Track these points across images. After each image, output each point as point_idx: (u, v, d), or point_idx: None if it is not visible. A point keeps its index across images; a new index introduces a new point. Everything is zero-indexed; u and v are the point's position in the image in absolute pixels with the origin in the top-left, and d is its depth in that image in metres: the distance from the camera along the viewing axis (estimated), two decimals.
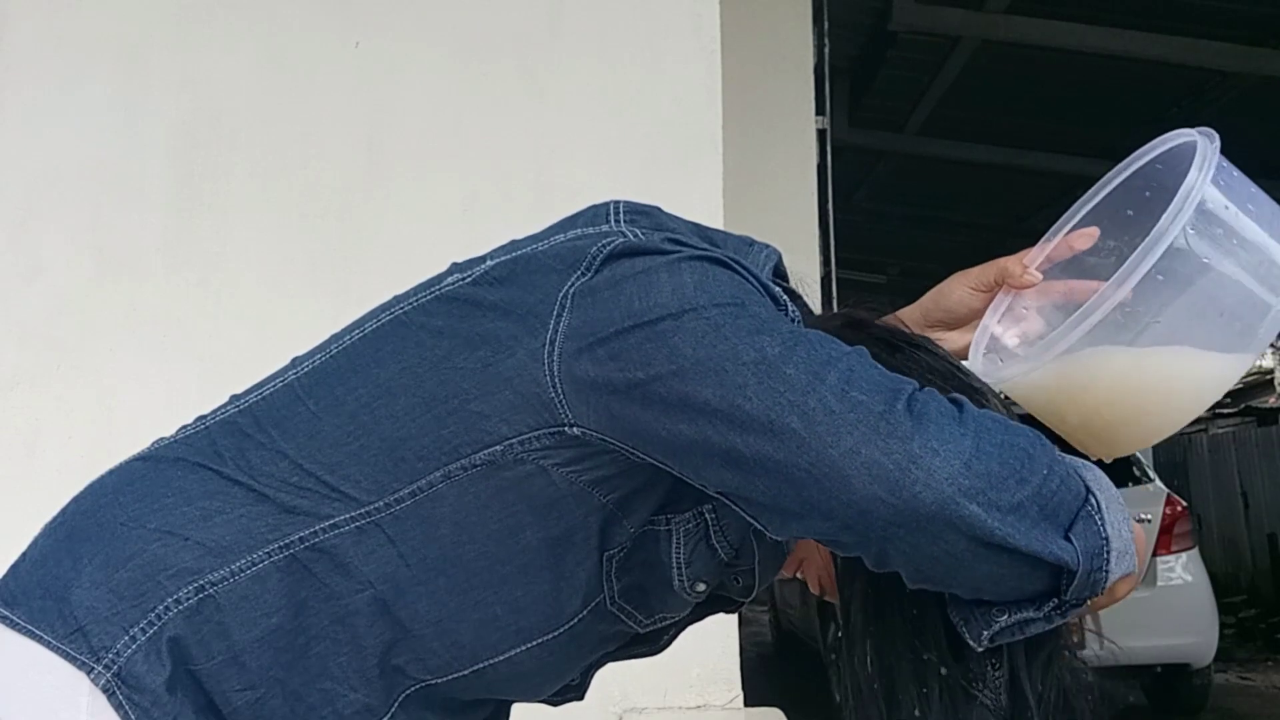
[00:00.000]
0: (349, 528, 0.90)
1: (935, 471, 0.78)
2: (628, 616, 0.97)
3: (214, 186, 2.54)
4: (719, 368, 0.82)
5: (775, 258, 0.99)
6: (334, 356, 0.97)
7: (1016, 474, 0.80)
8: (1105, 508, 0.83)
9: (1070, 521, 0.82)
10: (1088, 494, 0.83)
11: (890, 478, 0.78)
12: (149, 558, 0.89)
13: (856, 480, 0.79)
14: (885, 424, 0.79)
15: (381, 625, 0.91)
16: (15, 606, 0.90)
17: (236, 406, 0.98)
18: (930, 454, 0.78)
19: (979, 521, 0.78)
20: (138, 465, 0.97)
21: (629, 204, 0.96)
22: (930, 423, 0.80)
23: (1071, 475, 0.83)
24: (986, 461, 0.79)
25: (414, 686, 0.94)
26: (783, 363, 0.82)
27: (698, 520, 0.94)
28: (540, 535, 0.91)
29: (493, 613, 0.93)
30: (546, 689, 1.03)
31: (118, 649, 0.87)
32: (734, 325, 0.84)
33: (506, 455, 0.88)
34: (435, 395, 0.90)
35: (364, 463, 0.90)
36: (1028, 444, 0.82)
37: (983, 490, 0.78)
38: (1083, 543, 0.81)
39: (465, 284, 0.94)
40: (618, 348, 0.85)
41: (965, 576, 0.82)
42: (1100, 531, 0.82)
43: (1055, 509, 0.81)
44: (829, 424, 0.79)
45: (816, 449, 0.79)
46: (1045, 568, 0.81)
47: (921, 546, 0.80)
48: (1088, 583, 0.82)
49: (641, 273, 0.87)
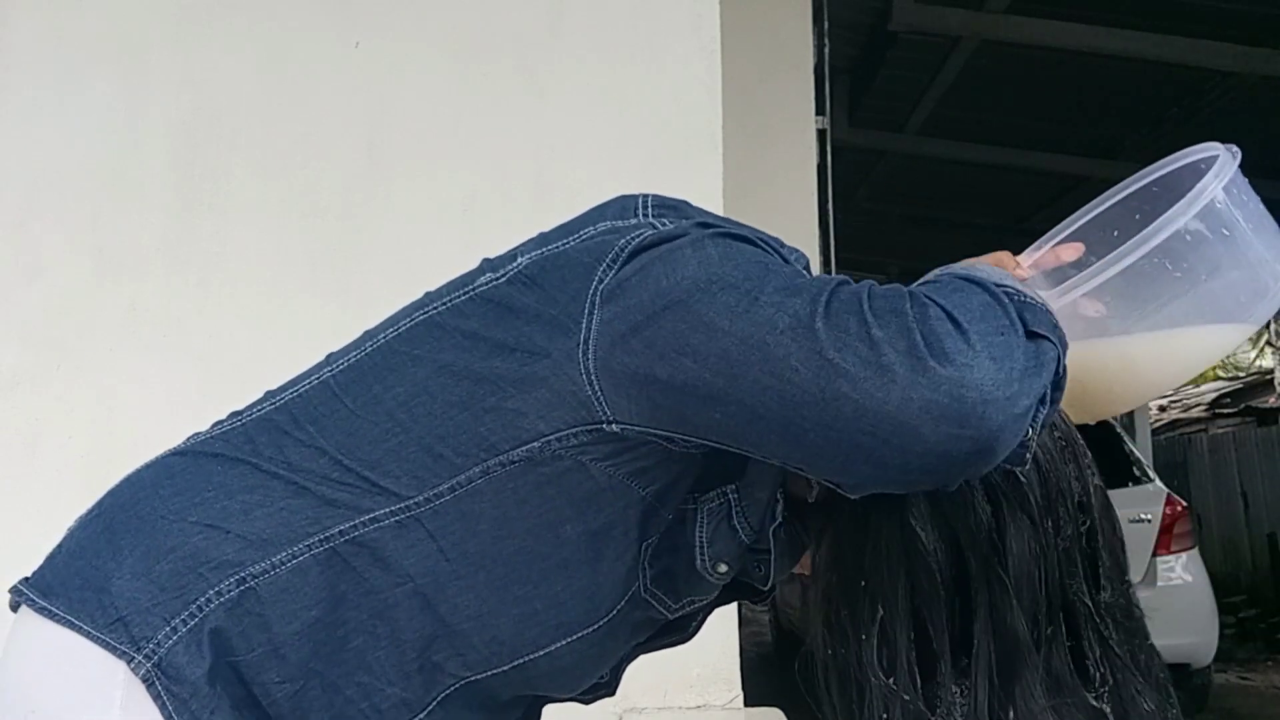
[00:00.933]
0: (389, 522, 0.90)
1: (983, 384, 0.78)
2: (658, 602, 0.97)
3: (214, 186, 2.54)
4: (761, 342, 0.81)
5: (803, 262, 0.99)
6: (369, 354, 0.97)
7: (1003, 327, 0.82)
8: (1015, 285, 0.87)
9: (1023, 320, 0.83)
10: (1005, 288, 0.85)
11: (953, 412, 0.77)
12: (190, 550, 0.90)
13: (925, 428, 0.77)
14: (917, 360, 0.78)
15: (421, 619, 0.92)
16: (53, 597, 0.91)
17: (273, 404, 0.98)
18: (967, 370, 0.78)
19: (1024, 396, 0.79)
20: (175, 460, 0.98)
21: (658, 198, 0.96)
22: (944, 339, 0.79)
23: (994, 283, 0.86)
24: (993, 341, 0.80)
25: (454, 685, 0.95)
26: (813, 319, 0.81)
27: (721, 500, 0.94)
28: (580, 529, 0.91)
29: (533, 608, 0.93)
30: (584, 683, 1.04)
31: (159, 639, 0.88)
32: (763, 287, 0.83)
33: (544, 451, 0.88)
34: (473, 395, 0.90)
35: (403, 459, 0.91)
36: (977, 296, 0.84)
37: (1012, 367, 0.79)
38: (1043, 326, 0.83)
39: (499, 284, 0.94)
40: (652, 335, 0.84)
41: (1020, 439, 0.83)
42: (1037, 304, 0.85)
43: (1016, 323, 0.83)
44: (875, 379, 0.78)
45: (874, 409, 0.78)
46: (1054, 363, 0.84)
47: (1000, 454, 0.80)
48: (1062, 349, 0.84)
49: (666, 253, 0.87)
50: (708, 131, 2.56)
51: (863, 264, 11.04)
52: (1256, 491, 11.42)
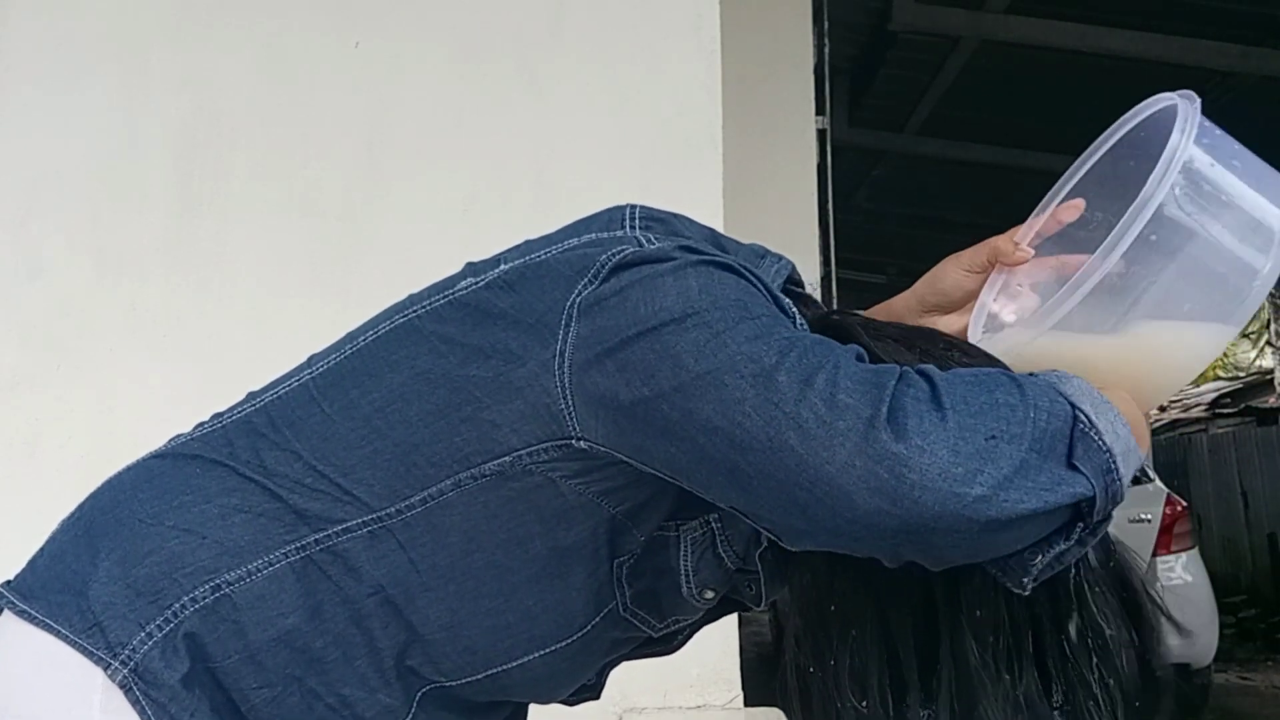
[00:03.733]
0: (360, 532, 0.90)
1: (927, 470, 0.75)
2: (641, 622, 0.97)
3: (214, 186, 2.54)
4: (719, 381, 0.81)
5: (788, 269, 0.98)
6: (348, 358, 0.97)
7: (1006, 435, 0.77)
8: (1095, 417, 0.80)
9: (1069, 448, 0.79)
10: (1075, 413, 0.80)
11: (888, 488, 0.76)
12: (167, 555, 0.90)
13: (857, 496, 0.77)
14: (873, 430, 0.77)
15: (394, 628, 0.91)
16: (33, 600, 0.90)
17: (253, 405, 0.98)
18: (918, 453, 0.76)
19: (984, 503, 0.76)
20: (155, 463, 0.98)
21: (645, 209, 0.96)
22: (910, 417, 0.77)
23: (1056, 400, 0.80)
24: (972, 438, 0.77)
25: (428, 686, 0.95)
26: (776, 370, 0.80)
27: (704, 529, 0.94)
28: (549, 545, 0.91)
29: (505, 620, 0.93)
30: (561, 692, 1.04)
31: (134, 645, 0.88)
32: (734, 331, 0.83)
33: (515, 466, 0.88)
34: (449, 402, 0.90)
35: (377, 467, 0.91)
36: (1006, 395, 0.79)
37: (979, 469, 0.76)
38: (1090, 465, 0.78)
39: (478, 289, 0.94)
40: (625, 358, 0.84)
41: (988, 550, 0.80)
42: (1101, 446, 0.79)
43: (1053, 445, 0.78)
44: (824, 438, 0.78)
45: (814, 466, 0.78)
46: (1064, 508, 0.79)
47: (937, 544, 0.78)
48: (1108, 499, 0.79)
49: (647, 278, 0.86)
50: (708, 131, 2.56)
51: (862, 264, 11.04)
52: (1256, 491, 11.41)
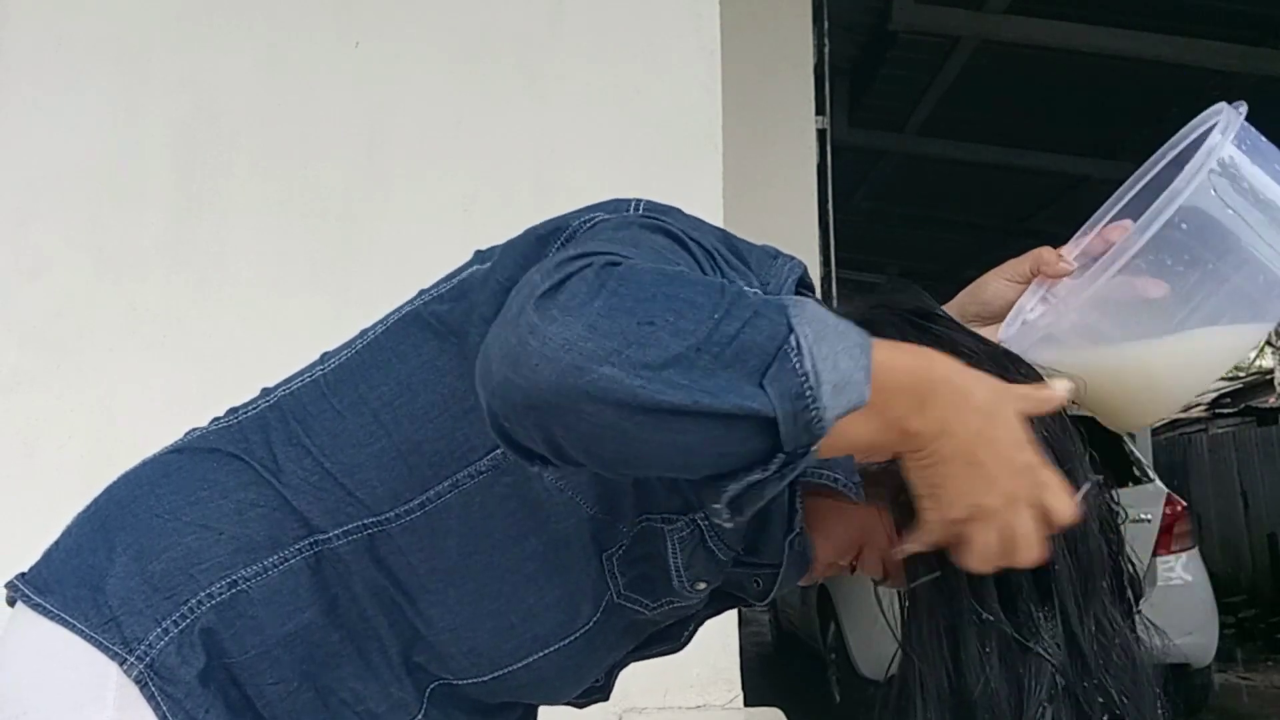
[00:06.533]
0: (361, 535, 0.91)
1: (550, 339, 0.69)
2: (634, 604, 0.97)
3: (214, 186, 2.54)
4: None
5: (800, 270, 0.96)
6: (359, 353, 0.97)
7: (670, 326, 0.70)
8: (813, 343, 0.72)
9: (765, 365, 0.71)
10: (790, 334, 0.72)
11: (513, 354, 0.70)
12: (183, 550, 0.90)
13: (494, 362, 0.71)
14: (525, 304, 0.71)
15: (400, 627, 0.92)
16: (48, 594, 0.90)
17: (267, 401, 0.99)
18: (549, 321, 0.69)
19: (616, 385, 0.68)
20: (173, 458, 0.98)
21: (650, 202, 0.96)
22: (563, 293, 0.71)
23: (769, 317, 0.72)
24: (620, 319, 0.69)
25: (437, 682, 0.95)
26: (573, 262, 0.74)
27: (691, 528, 0.93)
28: (543, 541, 0.91)
29: (508, 621, 0.93)
30: (569, 692, 1.04)
31: (150, 640, 0.88)
32: (586, 251, 0.76)
33: (508, 458, 0.88)
34: (454, 391, 0.90)
35: (382, 466, 0.91)
36: (697, 294, 0.72)
37: (616, 350, 0.68)
38: (778, 386, 0.70)
39: (482, 271, 0.94)
40: None
41: (648, 452, 0.72)
42: (797, 369, 0.71)
43: (738, 355, 0.70)
44: (504, 312, 0.73)
45: (490, 334, 0.73)
46: (741, 423, 0.71)
47: (573, 426, 0.71)
48: (799, 426, 0.71)
49: (596, 229, 0.86)
50: (708, 131, 2.56)
51: (863, 264, 11.04)
52: (1256, 491, 11.42)
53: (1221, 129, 0.92)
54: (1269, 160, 0.94)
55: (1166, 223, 0.89)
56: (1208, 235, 0.91)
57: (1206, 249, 0.92)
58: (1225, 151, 0.91)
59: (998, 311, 1.07)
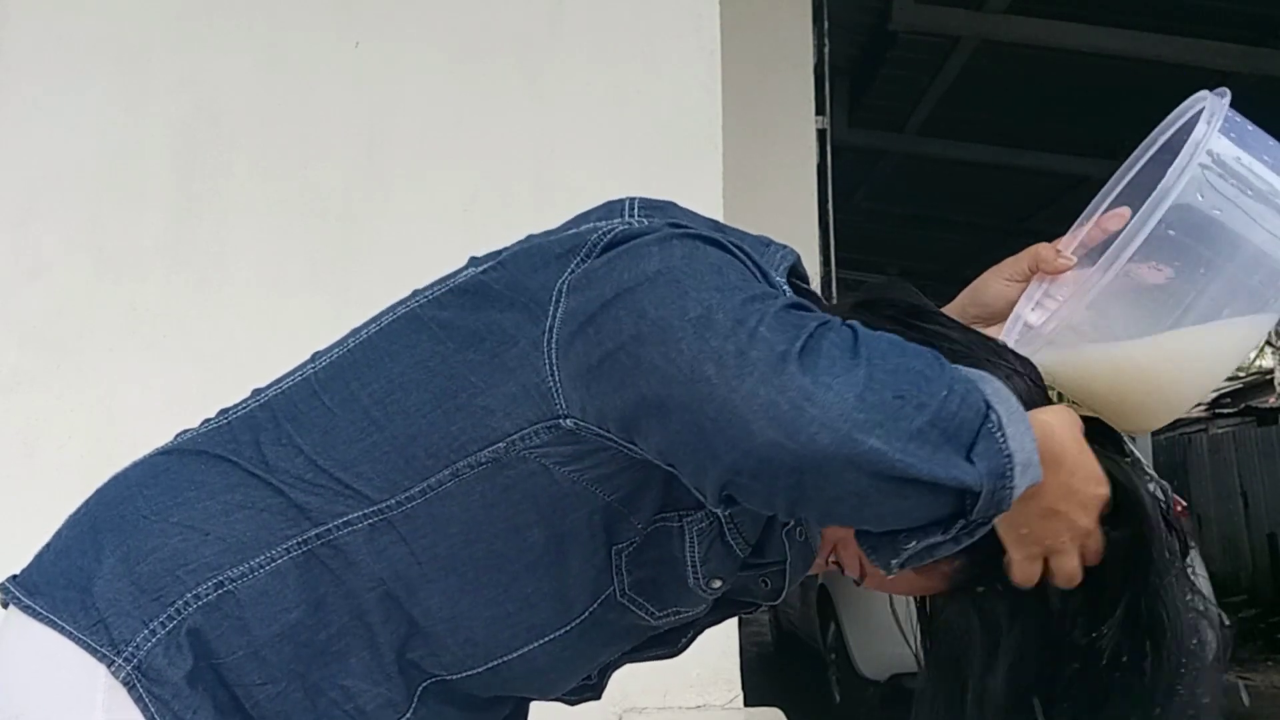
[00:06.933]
0: (361, 525, 0.91)
1: (829, 408, 0.75)
2: (638, 608, 0.97)
3: (214, 186, 2.55)
4: (667, 325, 0.81)
5: (792, 258, 0.98)
6: (350, 351, 0.97)
7: (914, 399, 0.77)
8: (1006, 422, 0.80)
9: (972, 441, 0.79)
10: (988, 410, 0.80)
11: (786, 420, 0.75)
12: (170, 552, 0.90)
13: (755, 425, 0.76)
14: (783, 364, 0.77)
15: (396, 621, 0.92)
16: (37, 596, 0.91)
17: (257, 401, 0.99)
18: (824, 389, 0.76)
19: (878, 455, 0.76)
20: (161, 459, 0.98)
21: (644, 200, 0.96)
22: (822, 358, 0.77)
23: (972, 392, 0.80)
24: (880, 391, 0.77)
25: (430, 680, 0.95)
26: (716, 311, 0.80)
27: (711, 520, 0.94)
28: (546, 533, 0.91)
29: (504, 610, 0.93)
30: (563, 685, 1.04)
31: (138, 642, 0.88)
32: (697, 284, 0.83)
33: (510, 453, 0.88)
34: (446, 390, 0.90)
35: (376, 460, 0.91)
36: (924, 366, 0.80)
37: (880, 422, 0.76)
38: (985, 463, 0.78)
39: (477, 274, 0.95)
40: (602, 320, 0.84)
41: (872, 512, 0.80)
42: (1003, 449, 0.79)
43: (956, 430, 0.78)
44: (737, 366, 0.77)
45: (723, 394, 0.77)
46: (949, 492, 0.78)
47: (826, 489, 0.77)
48: (992, 501, 0.79)
49: (634, 248, 0.87)
50: (708, 131, 2.56)
51: (862, 264, 11.04)
52: (1256, 491, 11.42)
53: (1207, 119, 0.91)
54: (1257, 144, 0.94)
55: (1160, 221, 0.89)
56: (1203, 231, 0.91)
57: (1202, 245, 0.92)
58: (1213, 143, 0.91)
59: (998, 312, 1.07)
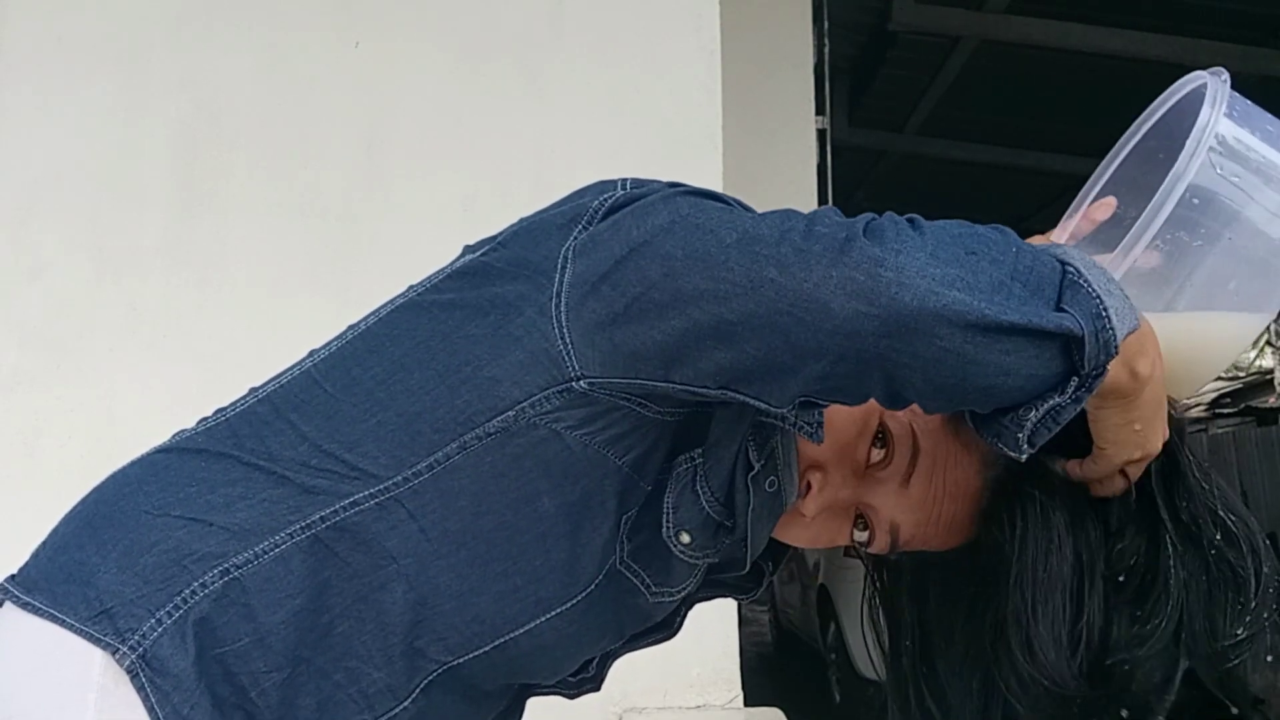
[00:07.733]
0: (369, 504, 0.91)
1: (904, 268, 0.76)
2: (635, 576, 0.97)
3: (214, 186, 2.55)
4: (705, 254, 0.82)
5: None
6: (349, 342, 0.98)
7: (987, 255, 0.78)
8: (1086, 271, 0.80)
9: (1057, 293, 0.79)
10: (1064, 264, 0.80)
11: (865, 289, 0.76)
12: (174, 544, 0.90)
13: (835, 303, 0.77)
14: (850, 245, 0.78)
15: (405, 602, 0.92)
16: (36, 592, 0.90)
17: (255, 397, 0.99)
18: (894, 254, 0.76)
19: (965, 306, 0.76)
20: (160, 457, 0.98)
21: (636, 179, 0.97)
22: (887, 232, 0.79)
23: (1042, 252, 0.81)
24: (952, 248, 0.78)
25: (436, 671, 0.95)
26: (757, 226, 0.82)
27: (688, 464, 0.94)
28: (558, 502, 0.91)
29: (513, 583, 0.93)
30: (568, 665, 1.04)
31: (144, 630, 0.87)
32: (716, 221, 0.84)
33: (519, 421, 0.89)
34: (449, 365, 0.90)
35: (381, 439, 0.91)
36: (988, 231, 0.81)
37: (959, 277, 0.76)
38: (1077, 308, 0.78)
39: (475, 257, 0.96)
40: (618, 277, 0.85)
41: (977, 375, 0.79)
42: (1091, 291, 0.79)
43: (1038, 283, 0.79)
44: (800, 262, 0.78)
45: (793, 288, 0.78)
46: (1052, 343, 0.78)
47: (921, 352, 0.77)
48: (1098, 345, 0.79)
49: (639, 208, 0.88)
50: (708, 131, 2.56)
51: None
52: (1256, 491, 11.40)
53: (1210, 102, 0.91)
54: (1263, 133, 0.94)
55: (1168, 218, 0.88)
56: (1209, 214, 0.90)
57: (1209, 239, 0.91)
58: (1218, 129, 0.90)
59: None
